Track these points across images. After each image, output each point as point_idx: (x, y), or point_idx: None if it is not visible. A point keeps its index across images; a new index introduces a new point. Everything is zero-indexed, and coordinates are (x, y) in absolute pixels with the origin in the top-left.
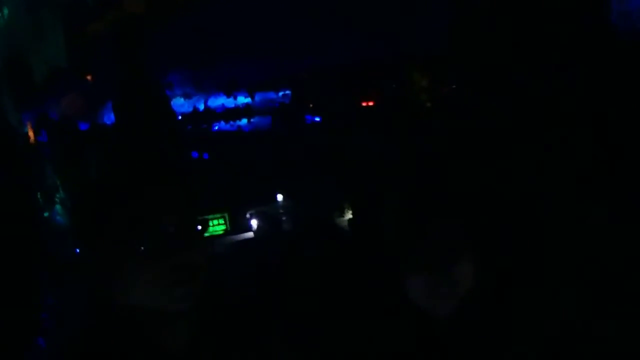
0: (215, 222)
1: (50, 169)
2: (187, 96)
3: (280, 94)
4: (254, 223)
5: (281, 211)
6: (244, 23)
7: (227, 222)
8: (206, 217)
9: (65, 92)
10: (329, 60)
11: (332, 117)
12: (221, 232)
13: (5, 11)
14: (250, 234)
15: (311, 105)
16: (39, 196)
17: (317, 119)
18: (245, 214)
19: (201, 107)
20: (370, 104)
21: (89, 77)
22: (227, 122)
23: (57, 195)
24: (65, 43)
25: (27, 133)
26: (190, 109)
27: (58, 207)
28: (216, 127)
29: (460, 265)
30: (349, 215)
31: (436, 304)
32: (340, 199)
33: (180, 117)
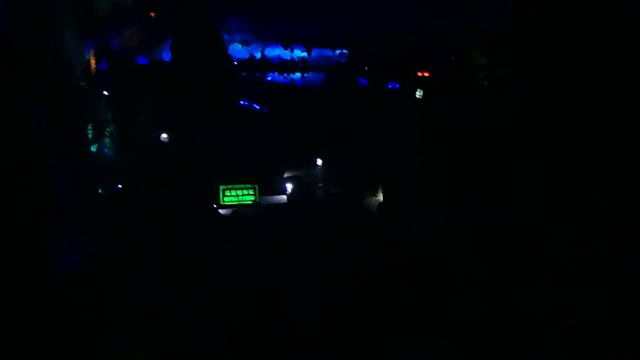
0: (246, 191)
1: (104, 103)
2: (245, 43)
3: (337, 52)
4: (289, 187)
5: (318, 178)
6: None
7: (256, 194)
8: (237, 186)
9: (128, 26)
10: (391, 27)
11: (385, 83)
12: (250, 202)
13: None
14: (284, 197)
15: (366, 68)
16: (89, 128)
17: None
18: (282, 177)
19: (258, 55)
20: (426, 74)
21: (152, 14)
22: (280, 73)
23: (107, 129)
24: None
25: (88, 61)
26: (247, 56)
27: (107, 140)
28: (269, 78)
29: None
30: (380, 197)
31: None
32: (377, 178)
33: (235, 63)
